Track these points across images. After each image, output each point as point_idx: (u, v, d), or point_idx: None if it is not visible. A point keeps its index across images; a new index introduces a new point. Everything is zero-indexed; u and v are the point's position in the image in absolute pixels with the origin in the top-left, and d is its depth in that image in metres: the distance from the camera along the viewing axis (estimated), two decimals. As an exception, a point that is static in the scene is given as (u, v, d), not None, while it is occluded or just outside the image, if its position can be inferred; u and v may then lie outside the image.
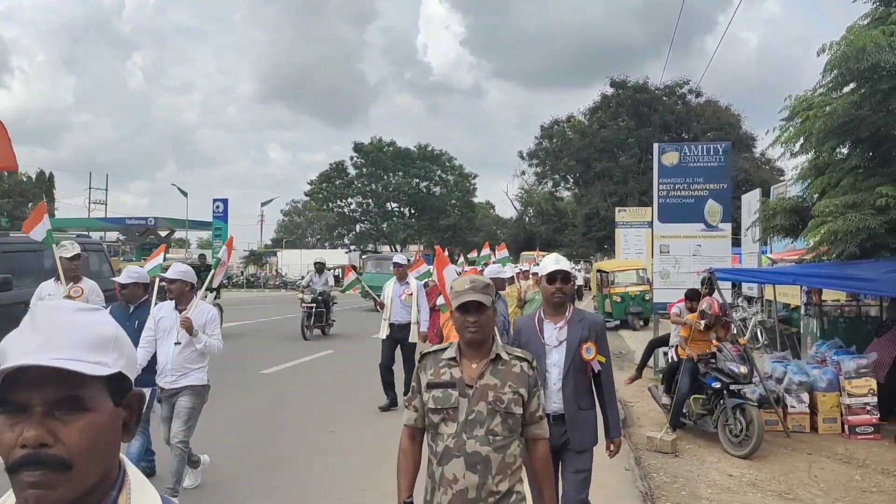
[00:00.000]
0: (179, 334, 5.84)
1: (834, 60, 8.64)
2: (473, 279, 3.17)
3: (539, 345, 4.24)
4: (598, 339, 4.30)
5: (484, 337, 3.08)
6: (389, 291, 10.15)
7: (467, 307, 3.05)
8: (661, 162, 13.39)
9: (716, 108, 51.79)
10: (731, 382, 8.15)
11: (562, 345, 4.24)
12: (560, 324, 4.29)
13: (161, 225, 55.25)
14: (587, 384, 4.37)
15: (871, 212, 8.20)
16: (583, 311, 4.45)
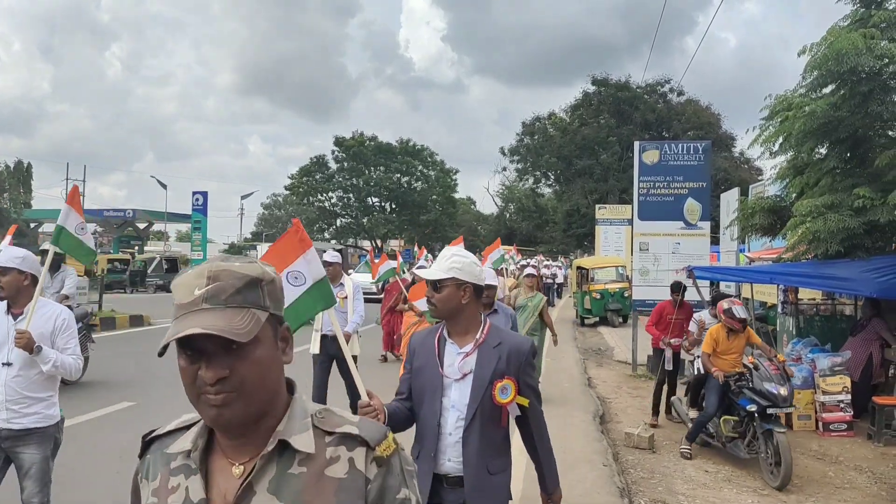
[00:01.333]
0: (10, 352, 4.10)
1: (814, 62, 8.73)
2: None
3: (434, 375, 3.02)
4: (521, 374, 3.02)
5: None
6: None
7: None
8: (642, 160, 13.48)
9: (696, 107, 52.06)
10: (768, 405, 7.09)
11: (466, 378, 2.99)
12: (467, 347, 3.03)
13: (139, 217, 54.89)
14: (501, 437, 3.08)
15: (850, 212, 8.30)
16: (503, 332, 3.15)
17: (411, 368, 3.11)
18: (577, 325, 23.11)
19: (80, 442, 7.53)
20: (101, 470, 6.65)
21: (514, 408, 3.00)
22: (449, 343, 3.05)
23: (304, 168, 66.15)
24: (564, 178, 55.90)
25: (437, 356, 3.02)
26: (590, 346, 17.74)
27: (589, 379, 12.65)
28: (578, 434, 8.66)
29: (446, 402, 3.00)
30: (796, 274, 9.41)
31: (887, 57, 8.11)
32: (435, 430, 2.98)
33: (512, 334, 3.20)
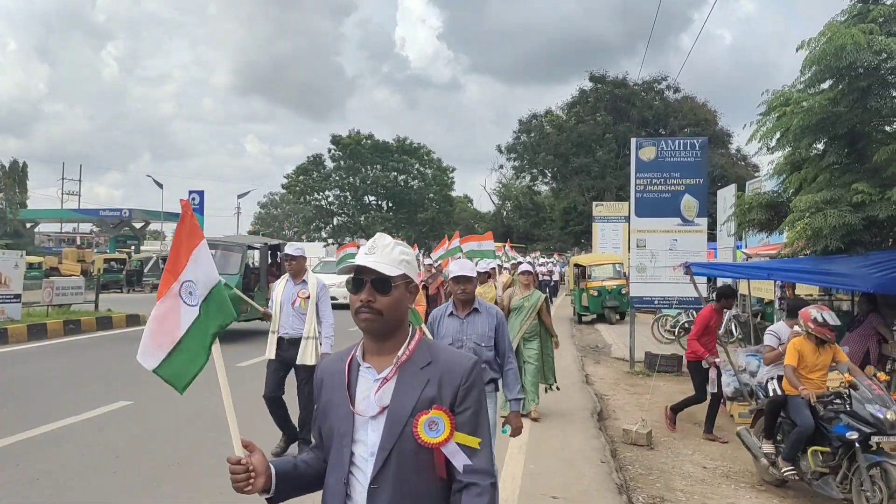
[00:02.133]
0: None
1: (812, 57, 8.70)
2: None
3: (343, 411, 2.15)
4: (462, 403, 2.10)
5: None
6: (279, 294, 7.30)
7: None
8: (639, 157, 13.46)
9: (693, 104, 52.11)
10: (873, 432, 5.87)
11: (382, 415, 2.10)
12: (386, 371, 2.14)
13: (136, 217, 54.81)
14: (434, 491, 2.11)
15: (849, 208, 8.28)
16: (437, 347, 2.25)
17: (319, 407, 2.27)
18: (575, 322, 23.11)
19: (77, 441, 7.51)
20: (98, 469, 6.62)
21: (457, 451, 2.06)
22: (364, 368, 2.18)
23: (300, 167, 66.21)
24: (561, 176, 55.91)
25: (346, 387, 2.16)
26: (587, 343, 17.74)
27: (586, 376, 12.64)
28: (576, 431, 8.64)
29: (359, 451, 2.11)
30: (794, 269, 9.39)
31: (886, 52, 8.09)
32: (340, 493, 2.11)
33: (449, 351, 2.27)
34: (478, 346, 4.94)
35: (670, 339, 16.72)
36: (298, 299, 7.18)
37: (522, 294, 9.25)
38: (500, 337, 5.04)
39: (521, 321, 9.09)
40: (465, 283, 4.99)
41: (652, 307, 14.71)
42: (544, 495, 6.25)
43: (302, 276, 7.31)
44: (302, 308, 7.17)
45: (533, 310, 9.11)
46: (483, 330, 4.98)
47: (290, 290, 7.26)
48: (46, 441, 7.48)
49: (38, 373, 11.34)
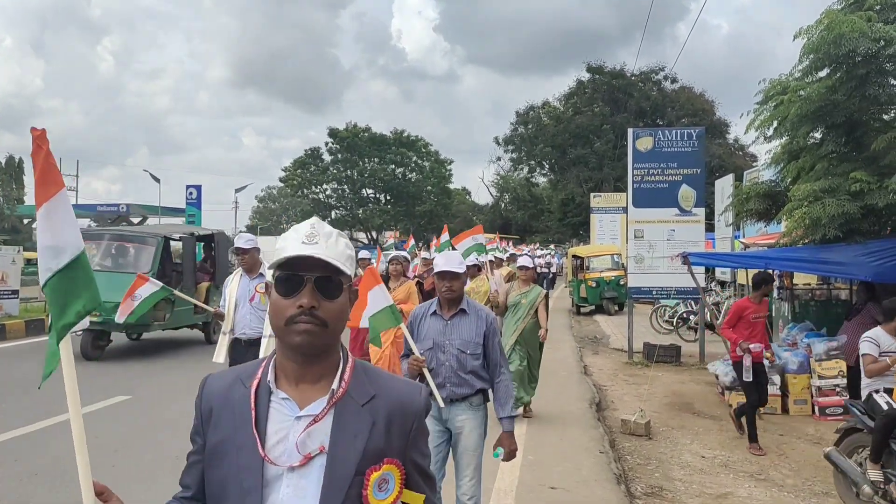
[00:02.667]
0: None
1: (810, 45, 8.68)
2: None
3: (248, 457, 1.55)
4: (410, 448, 1.65)
5: None
6: (233, 291, 6.53)
7: None
8: (636, 147, 13.43)
9: (690, 94, 52.04)
10: None
11: (312, 464, 1.54)
12: (313, 406, 1.58)
13: (133, 211, 54.69)
14: None
15: (847, 197, 8.27)
16: (376, 374, 1.70)
17: (204, 445, 1.66)
18: (573, 313, 23.11)
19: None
20: (97, 463, 6.59)
21: None
22: (278, 399, 1.60)
23: (298, 160, 66.02)
24: (559, 167, 55.88)
25: (253, 423, 1.57)
26: (586, 334, 17.74)
27: (585, 367, 12.64)
28: (574, 422, 8.65)
29: None
30: (792, 259, 9.39)
31: (884, 39, 8.07)
32: None
33: (393, 380, 1.71)
34: (462, 352, 4.23)
35: (669, 329, 16.73)
36: (257, 294, 6.44)
37: (520, 290, 8.62)
38: (491, 345, 4.28)
39: (518, 320, 8.43)
40: (451, 279, 4.27)
41: (650, 298, 14.72)
42: (543, 486, 6.25)
43: (258, 270, 6.58)
44: (262, 303, 6.37)
45: (531, 307, 8.46)
46: (470, 334, 4.25)
47: (246, 286, 6.53)
48: (45, 436, 7.48)
49: (36, 368, 11.32)
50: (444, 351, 4.26)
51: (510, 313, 8.55)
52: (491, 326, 4.31)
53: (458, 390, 4.23)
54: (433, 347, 4.29)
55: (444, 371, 4.25)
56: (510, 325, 8.46)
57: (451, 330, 4.29)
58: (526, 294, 8.54)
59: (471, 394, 4.26)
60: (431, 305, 4.44)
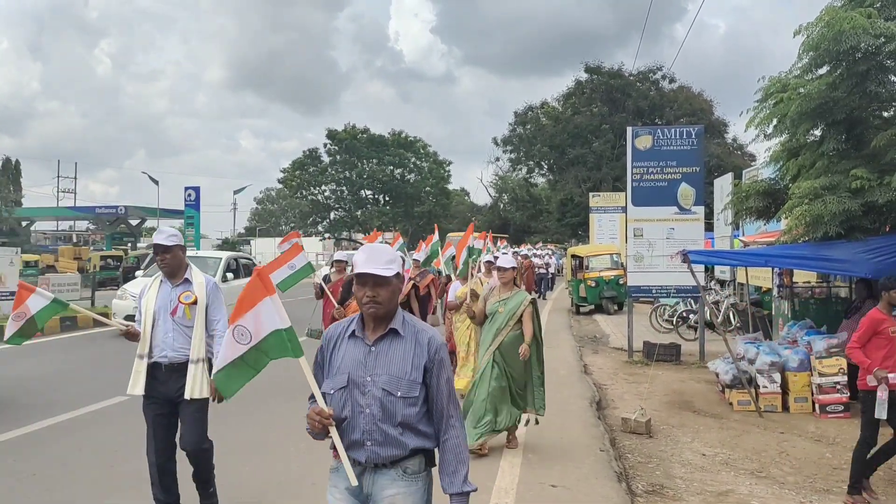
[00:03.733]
0: None
1: (810, 42, 8.67)
2: None
3: None
4: None
5: None
6: (149, 302, 5.07)
7: None
8: (635, 145, 13.42)
9: (688, 94, 52.07)
10: None
11: None
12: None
13: (132, 214, 54.60)
14: None
15: (847, 194, 8.26)
16: None
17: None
18: (573, 313, 23.09)
19: (74, 436, 7.48)
20: (95, 464, 6.59)
21: None
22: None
23: (296, 161, 66.02)
24: (558, 168, 55.91)
25: None
26: (585, 333, 17.72)
27: (585, 366, 12.62)
28: (575, 420, 8.62)
29: None
30: (791, 256, 9.38)
31: (885, 36, 8.06)
32: None
33: None
34: (389, 394, 2.83)
35: (668, 328, 16.70)
36: (181, 306, 5.00)
37: (500, 295, 7.17)
38: (436, 384, 2.91)
39: (497, 331, 7.05)
40: (375, 285, 2.85)
41: (650, 296, 14.70)
42: (543, 484, 6.23)
43: (182, 275, 5.09)
44: (186, 318, 5.00)
45: (511, 317, 7.01)
46: (402, 368, 2.87)
47: (167, 295, 5.05)
48: (44, 436, 7.45)
49: (34, 369, 11.30)
50: (365, 391, 2.87)
51: (487, 323, 7.18)
52: (437, 356, 2.92)
53: (384, 451, 2.86)
54: (348, 386, 2.90)
55: (362, 422, 2.85)
56: (487, 337, 7.14)
57: (375, 360, 2.90)
58: (505, 301, 7.09)
59: (403, 456, 2.88)
60: (349, 323, 3.02)
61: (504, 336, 7.01)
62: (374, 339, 2.92)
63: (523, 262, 20.56)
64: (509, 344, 6.98)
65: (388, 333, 2.92)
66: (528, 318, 7.03)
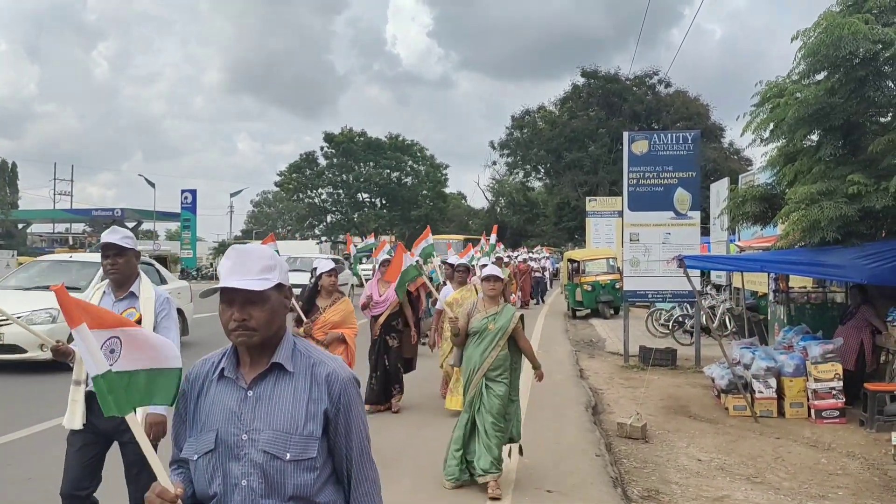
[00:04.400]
0: None
1: (808, 47, 8.68)
2: None
3: None
4: None
5: None
6: None
7: None
8: (631, 150, 13.43)
9: (685, 98, 52.19)
10: None
11: None
12: None
13: (128, 216, 54.63)
14: None
15: (844, 199, 8.28)
16: None
17: None
18: (569, 317, 23.10)
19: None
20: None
21: None
22: None
23: (294, 164, 66.11)
24: (554, 172, 56.01)
25: None
26: (581, 338, 17.72)
27: (581, 370, 12.62)
28: (571, 425, 8.62)
29: None
30: (787, 262, 9.40)
31: (883, 42, 8.08)
32: None
33: None
34: (273, 458, 2.03)
35: (664, 332, 16.72)
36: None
37: (487, 310, 6.26)
38: (343, 439, 2.13)
39: (485, 352, 6.16)
40: (247, 303, 2.07)
41: (646, 301, 14.72)
42: (539, 489, 6.22)
43: (129, 286, 4.24)
44: None
45: (502, 335, 6.15)
46: (290, 419, 2.07)
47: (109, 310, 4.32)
48: (40, 440, 7.41)
49: (31, 372, 11.25)
50: (240, 455, 2.05)
51: (473, 343, 6.24)
52: (342, 397, 2.12)
53: None
54: (216, 449, 2.07)
55: (238, 497, 2.04)
56: (472, 357, 6.22)
57: (253, 410, 2.08)
58: (495, 316, 6.18)
59: None
60: (218, 358, 2.22)
61: (494, 357, 6.14)
62: (252, 379, 2.10)
63: (519, 266, 20.48)
64: (498, 366, 6.17)
65: (270, 370, 2.11)
66: (522, 336, 6.34)
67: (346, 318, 7.28)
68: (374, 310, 9.11)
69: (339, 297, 7.40)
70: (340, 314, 7.26)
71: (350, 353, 7.28)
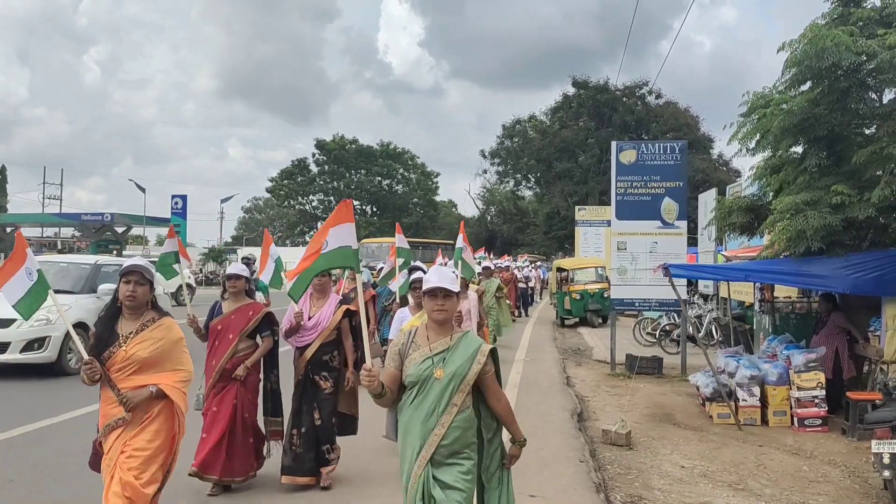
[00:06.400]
0: None
1: (794, 58, 8.76)
2: None
3: None
4: None
5: None
6: None
7: None
8: (619, 160, 13.51)
9: (675, 109, 52.49)
10: None
11: None
12: None
13: (118, 221, 54.36)
14: None
15: (828, 209, 8.36)
16: None
17: None
18: (558, 325, 23.15)
19: (54, 442, 7.45)
20: (74, 470, 6.54)
21: None
22: None
23: (285, 171, 66.22)
24: (544, 181, 56.20)
25: None
26: (569, 346, 17.77)
27: (568, 378, 12.65)
28: (555, 432, 8.64)
29: None
30: (771, 271, 9.47)
31: (867, 53, 8.17)
32: None
33: None
34: None
35: (651, 341, 16.79)
36: None
37: (431, 343, 3.70)
38: None
39: (429, 417, 3.59)
40: None
41: (633, 309, 14.77)
42: (522, 494, 6.23)
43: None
44: None
45: (457, 386, 3.59)
46: None
47: None
48: (23, 442, 7.41)
49: (15, 375, 11.21)
50: None
51: (410, 403, 3.67)
52: None
53: None
54: None
55: None
56: (410, 428, 3.63)
57: None
58: (444, 355, 3.66)
59: None
60: None
61: (447, 426, 3.55)
62: None
63: (503, 276, 20.16)
64: (455, 442, 3.57)
65: None
66: (495, 386, 3.74)
67: (167, 353, 4.31)
68: (301, 338, 6.33)
69: (153, 316, 4.37)
70: (155, 345, 4.24)
71: (172, 427, 4.33)
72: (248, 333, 6.29)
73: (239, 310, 6.32)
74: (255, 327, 6.31)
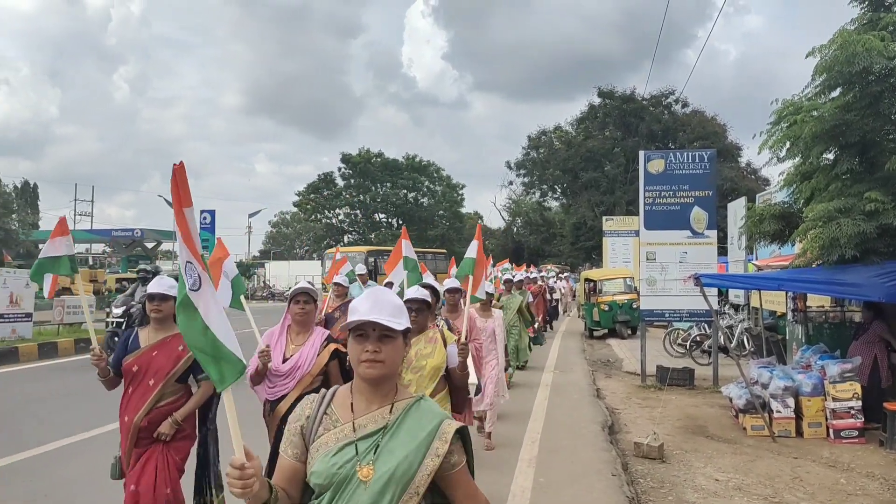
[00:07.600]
0: None
1: (823, 64, 8.66)
2: None
3: None
4: None
5: None
6: None
7: None
8: (647, 169, 13.42)
9: (702, 118, 52.09)
10: None
11: None
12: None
13: (147, 236, 54.92)
14: None
15: (862, 217, 8.23)
16: None
17: None
18: (586, 337, 22.99)
19: (85, 458, 7.50)
20: (105, 486, 6.59)
21: None
22: None
23: (311, 185, 66.54)
24: (571, 191, 55.99)
25: None
26: (598, 357, 17.62)
27: (598, 390, 12.54)
28: (587, 445, 8.56)
29: None
30: (804, 280, 9.31)
31: None
32: None
33: None
34: None
35: (682, 352, 16.60)
36: None
37: (361, 420, 2.17)
38: None
39: None
40: None
41: (663, 320, 14.62)
42: (554, 508, 6.18)
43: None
44: None
45: (400, 491, 2.06)
46: None
47: None
48: (56, 457, 7.48)
49: (48, 391, 11.35)
50: None
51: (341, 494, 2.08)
52: None
53: None
54: None
55: None
56: None
57: None
58: (380, 439, 2.13)
59: None
60: None
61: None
62: None
63: (531, 288, 19.22)
64: None
65: None
66: (467, 484, 2.20)
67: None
68: (272, 387, 4.76)
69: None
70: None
71: None
72: (178, 377, 4.56)
73: (163, 343, 4.55)
74: (186, 368, 4.55)
